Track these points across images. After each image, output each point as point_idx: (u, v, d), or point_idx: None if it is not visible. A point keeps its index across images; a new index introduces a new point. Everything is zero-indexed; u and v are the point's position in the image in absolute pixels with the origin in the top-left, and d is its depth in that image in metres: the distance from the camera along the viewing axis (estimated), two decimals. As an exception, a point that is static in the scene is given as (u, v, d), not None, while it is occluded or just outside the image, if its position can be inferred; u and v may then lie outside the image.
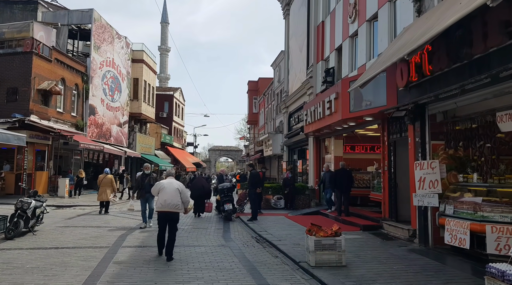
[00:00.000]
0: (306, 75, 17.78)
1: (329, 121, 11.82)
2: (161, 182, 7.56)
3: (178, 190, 7.25)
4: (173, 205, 7.12)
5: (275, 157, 26.39)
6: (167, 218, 7.20)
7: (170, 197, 7.12)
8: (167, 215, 7.17)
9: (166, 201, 7.10)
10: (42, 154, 20.53)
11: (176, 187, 7.27)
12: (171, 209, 7.13)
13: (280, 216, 13.54)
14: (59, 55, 21.71)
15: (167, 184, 7.32)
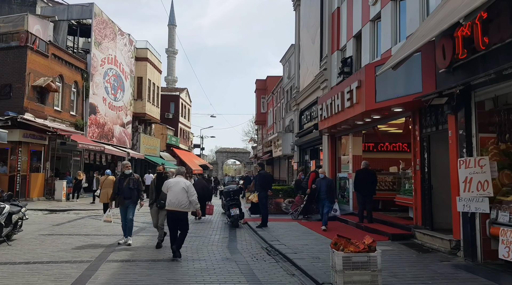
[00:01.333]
0: (319, 67, 16.33)
1: (349, 114, 10.36)
2: (169, 180, 7.57)
3: (185, 190, 7.15)
4: (178, 204, 7.07)
5: (285, 158, 24.94)
6: (175, 218, 7.19)
7: (176, 196, 7.09)
8: (175, 214, 7.16)
9: (171, 200, 7.12)
10: (38, 154, 19.35)
11: (183, 186, 7.18)
12: (176, 208, 7.10)
13: (293, 222, 12.10)
14: (57, 51, 20.58)
15: (174, 183, 7.27)
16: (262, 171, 11.32)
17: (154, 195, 8.08)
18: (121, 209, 8.36)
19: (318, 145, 17.35)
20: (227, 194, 11.68)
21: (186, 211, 7.30)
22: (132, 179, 8.31)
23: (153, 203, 8.16)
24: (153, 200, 8.12)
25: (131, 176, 8.36)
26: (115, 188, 8.36)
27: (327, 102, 12.23)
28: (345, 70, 13.25)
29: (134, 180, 8.34)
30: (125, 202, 8.26)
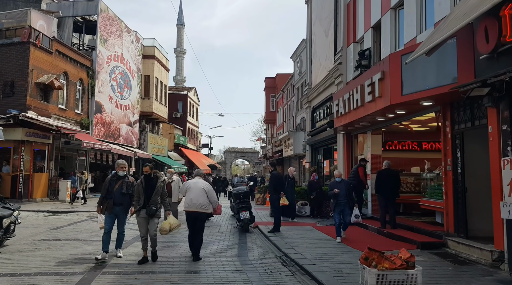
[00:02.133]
0: (333, 61, 15.44)
1: (371, 109, 9.46)
2: (188, 181, 7.68)
3: (204, 190, 7.22)
4: (198, 205, 7.11)
5: (296, 157, 24.05)
6: (194, 218, 7.23)
7: (196, 197, 7.13)
8: (194, 215, 7.20)
9: (192, 200, 7.12)
10: (41, 154, 18.77)
11: (202, 187, 7.26)
12: (197, 209, 7.13)
13: (307, 227, 11.24)
14: (61, 47, 19.99)
15: (193, 184, 7.33)
16: (274, 172, 10.48)
17: (143, 200, 6.77)
18: (108, 217, 6.84)
19: (332, 144, 16.45)
20: (236, 196, 10.87)
21: (206, 212, 7.34)
22: (126, 182, 6.94)
23: (140, 209, 6.80)
24: (141, 206, 6.77)
25: (125, 179, 7.00)
26: (104, 191, 6.93)
27: (344, 97, 11.34)
28: (362, 63, 12.35)
29: (128, 183, 6.95)
30: (114, 209, 6.86)
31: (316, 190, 13.45)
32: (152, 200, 6.75)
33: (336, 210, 8.75)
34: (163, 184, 6.98)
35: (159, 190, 6.84)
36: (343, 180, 9.09)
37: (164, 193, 6.96)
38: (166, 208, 7.08)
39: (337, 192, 8.68)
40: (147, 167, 6.96)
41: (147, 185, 6.83)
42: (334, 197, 8.74)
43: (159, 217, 6.94)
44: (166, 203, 7.11)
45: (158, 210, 6.85)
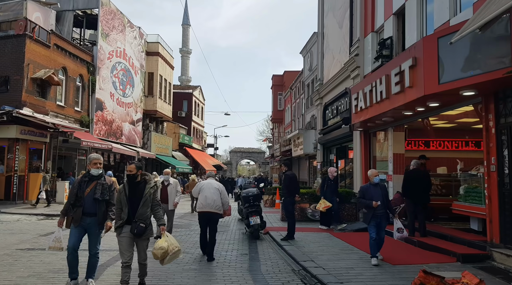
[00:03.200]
0: (348, 54, 14.34)
1: (398, 102, 8.35)
2: (201, 182, 7.79)
3: (218, 190, 7.29)
4: (214, 205, 7.15)
5: (306, 157, 22.95)
6: (208, 219, 7.26)
7: (210, 197, 7.17)
8: (208, 216, 7.22)
9: (206, 200, 7.15)
10: (38, 153, 17.84)
11: (216, 187, 7.34)
12: (211, 209, 7.16)
13: (324, 233, 10.13)
14: (60, 41, 19.05)
15: (207, 184, 7.41)
16: (289, 172, 9.38)
17: (126, 212, 4.94)
18: (75, 230, 4.98)
19: (346, 143, 15.34)
20: (245, 200, 9.80)
21: (219, 212, 7.29)
22: (102, 185, 5.03)
23: (122, 226, 4.95)
24: (123, 221, 4.95)
25: (101, 180, 5.08)
26: (71, 196, 5.06)
27: (364, 90, 10.23)
28: (384, 53, 11.25)
29: (105, 186, 5.05)
30: (83, 220, 4.97)
31: (331, 192, 12.33)
32: (140, 213, 4.92)
33: (372, 223, 6.74)
34: (154, 190, 5.13)
35: (148, 199, 5.00)
36: (379, 183, 6.92)
37: (156, 203, 5.14)
38: (160, 222, 5.14)
39: (377, 205, 6.57)
40: (133, 165, 5.07)
41: (132, 192, 5.04)
42: (370, 208, 6.72)
43: (150, 237, 5.15)
44: (160, 216, 5.17)
45: (148, 227, 5.03)
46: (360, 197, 6.90)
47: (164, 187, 8.96)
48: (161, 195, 8.62)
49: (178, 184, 9.25)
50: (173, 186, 9.09)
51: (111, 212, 5.10)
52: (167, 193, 8.94)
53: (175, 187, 9.12)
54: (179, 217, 14.16)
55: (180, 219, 13.41)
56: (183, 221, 13.06)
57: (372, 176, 6.91)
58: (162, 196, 8.61)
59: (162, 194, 8.73)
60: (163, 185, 8.92)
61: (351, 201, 12.89)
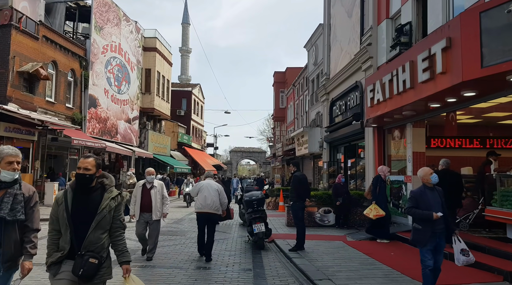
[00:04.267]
0: (359, 44, 13.19)
1: (427, 91, 7.20)
2: (200, 182, 7.63)
3: (217, 192, 7.23)
4: (213, 206, 7.12)
5: (310, 157, 21.80)
6: (206, 220, 7.22)
7: (210, 198, 7.11)
8: (206, 216, 7.18)
9: (206, 201, 7.10)
10: (25, 152, 16.64)
11: (216, 188, 7.28)
12: (210, 210, 7.12)
13: (336, 242, 8.99)
14: (49, 33, 17.90)
15: (206, 185, 7.32)
16: (298, 173, 8.22)
17: (68, 239, 3.06)
18: None
19: (356, 141, 14.19)
20: (248, 204, 8.64)
21: (218, 213, 7.25)
22: (14, 196, 3.19)
23: (61, 262, 3.08)
24: (63, 255, 3.06)
25: (14, 188, 3.24)
26: None
27: (383, 80, 9.07)
28: (402, 40, 10.10)
29: (18, 199, 3.21)
30: None
31: (342, 195, 11.22)
32: (90, 241, 3.05)
33: (429, 245, 4.71)
34: (116, 203, 3.22)
35: (106, 218, 3.12)
36: (435, 186, 4.94)
37: (118, 224, 3.24)
38: (123, 258, 3.23)
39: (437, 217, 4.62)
40: (91, 160, 3.19)
41: (80, 205, 3.12)
42: (428, 222, 4.64)
43: (106, 280, 3.19)
44: (123, 247, 3.26)
45: (104, 264, 3.13)
46: (413, 206, 4.78)
47: (146, 190, 7.09)
48: (143, 200, 7.02)
49: (164, 188, 7.33)
50: (158, 189, 7.13)
51: (30, 244, 3.20)
52: (150, 198, 7.01)
53: (161, 191, 7.17)
54: (175, 221, 13.02)
55: (176, 225, 12.26)
56: (180, 226, 11.91)
57: (427, 175, 4.86)
58: (143, 202, 7.02)
59: (144, 199, 7.03)
60: (144, 188, 7.14)
61: (364, 205, 11.76)
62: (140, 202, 6.99)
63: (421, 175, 4.97)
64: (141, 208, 6.96)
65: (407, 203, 4.97)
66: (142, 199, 7.00)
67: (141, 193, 7.06)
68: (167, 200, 7.33)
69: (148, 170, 7.39)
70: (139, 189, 7.12)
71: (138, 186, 7.21)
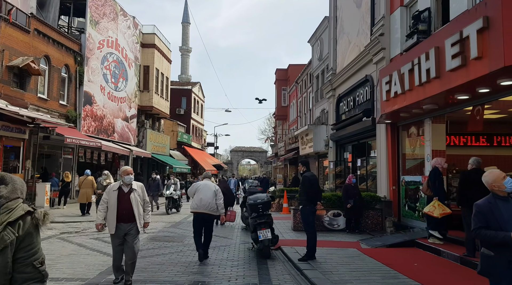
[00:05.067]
0: (370, 35, 12.34)
1: (457, 80, 6.33)
2: (197, 183, 7.59)
3: (214, 193, 7.11)
4: (207, 207, 7.01)
5: (315, 156, 20.93)
6: (202, 220, 7.13)
7: (206, 198, 7.01)
8: (203, 217, 7.09)
9: (201, 202, 7.00)
10: (15, 151, 15.83)
11: (213, 189, 7.18)
12: (205, 210, 7.01)
13: (350, 249, 8.12)
14: (41, 26, 17.05)
15: (204, 185, 7.25)
16: (308, 173, 7.35)
17: None
18: None
19: (366, 139, 13.33)
20: (253, 208, 7.77)
21: (214, 214, 7.16)
22: None
23: None
24: None
25: None
26: None
27: (401, 70, 8.20)
28: (420, 27, 9.22)
29: None
30: None
31: (353, 197, 10.35)
32: None
33: (506, 281, 3.27)
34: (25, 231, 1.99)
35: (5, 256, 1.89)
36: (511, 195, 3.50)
37: (32, 274, 1.97)
38: None
39: None
40: None
41: None
42: (503, 248, 3.25)
43: None
44: None
45: None
46: (481, 225, 3.35)
47: (123, 195, 5.41)
48: (120, 208, 5.35)
49: (144, 190, 5.69)
50: (139, 193, 5.52)
51: None
52: (130, 205, 5.37)
53: (142, 195, 5.57)
54: (172, 225, 12.15)
55: (173, 229, 11.39)
56: (177, 231, 11.04)
57: (499, 180, 3.43)
58: (121, 210, 5.34)
59: (122, 206, 5.36)
60: (121, 192, 5.43)
61: (376, 208, 10.92)
62: (117, 210, 5.33)
63: (489, 180, 3.49)
64: (117, 218, 5.31)
65: (472, 222, 3.44)
66: (119, 206, 5.34)
67: (116, 198, 5.38)
68: (149, 206, 5.75)
69: (124, 169, 5.54)
70: (114, 194, 5.41)
71: (112, 190, 5.46)
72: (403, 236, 8.83)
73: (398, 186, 10.68)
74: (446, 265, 6.73)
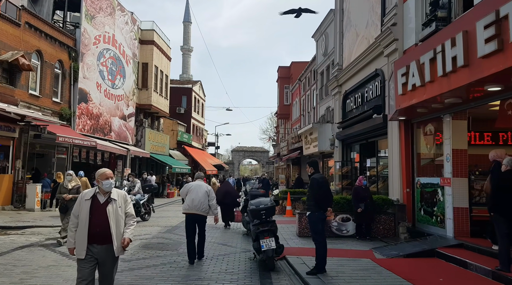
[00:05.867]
0: (381, 26, 11.50)
1: (491, 67, 5.47)
2: (190, 183, 7.54)
3: (207, 193, 7.11)
4: (199, 207, 7.00)
5: (319, 156, 20.07)
6: (194, 221, 7.11)
7: (198, 199, 7.00)
8: (194, 217, 7.06)
9: (193, 203, 6.98)
10: (5, 150, 15.03)
11: (205, 190, 7.16)
12: (197, 211, 7.01)
13: (363, 260, 7.28)
14: (33, 19, 16.26)
15: (196, 186, 7.20)
16: (318, 175, 6.51)
17: None
18: None
19: (375, 138, 12.49)
20: (255, 214, 6.92)
21: (207, 215, 7.15)
22: None
23: None
24: None
25: None
26: None
27: (421, 60, 7.34)
28: (438, 14, 8.39)
29: None
30: None
31: (364, 200, 9.51)
32: None
33: None
34: None
35: None
36: None
37: None
38: None
39: None
40: None
41: None
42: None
43: None
44: None
45: None
46: None
47: (98, 206, 4.02)
48: (93, 223, 3.94)
49: (128, 200, 4.24)
50: (119, 204, 4.10)
51: None
52: (106, 220, 3.97)
53: (124, 207, 4.15)
54: (168, 230, 11.32)
55: (168, 234, 10.56)
56: (173, 237, 10.20)
57: None
58: (94, 227, 3.94)
59: (95, 221, 3.96)
60: (95, 202, 4.04)
61: (388, 212, 10.08)
62: (88, 226, 3.92)
63: None
64: (89, 237, 3.91)
65: None
66: (92, 221, 3.93)
67: (88, 211, 3.97)
68: (133, 220, 4.17)
69: (102, 172, 4.14)
70: (86, 205, 4.00)
71: (84, 200, 4.05)
72: (422, 245, 7.97)
73: (412, 188, 9.84)
74: (476, 280, 5.88)
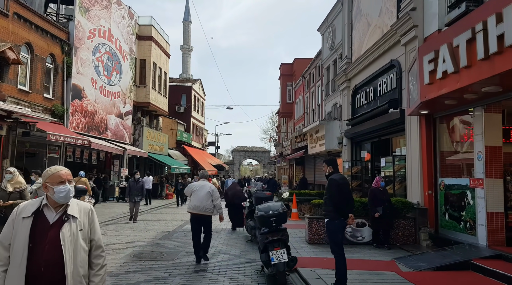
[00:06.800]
0: (397, 13, 10.54)
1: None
2: (193, 184, 7.58)
3: (210, 194, 7.12)
4: (203, 208, 7.05)
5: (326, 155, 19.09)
6: (199, 221, 7.16)
7: (201, 200, 7.05)
8: (199, 218, 7.13)
9: (196, 203, 7.06)
10: (-9, 149, 14.07)
11: (208, 190, 7.15)
12: (201, 211, 7.07)
13: (387, 273, 6.30)
14: (22, 10, 15.29)
15: (199, 186, 7.23)
16: (337, 176, 5.52)
17: None
18: None
19: (389, 135, 11.54)
20: (264, 222, 5.93)
21: (211, 214, 7.18)
22: None
23: None
24: None
25: None
26: None
27: (454, 42, 6.35)
28: (469, -6, 7.43)
29: None
30: None
31: (382, 204, 8.54)
32: None
33: None
34: None
35: None
36: None
37: None
38: None
39: None
40: None
41: None
42: None
43: None
44: None
45: None
46: None
47: (47, 228, 2.39)
48: (36, 257, 2.33)
49: (95, 220, 2.58)
50: (81, 225, 2.47)
51: None
52: (60, 250, 2.35)
53: (87, 227, 2.52)
54: (164, 236, 10.32)
55: (164, 241, 9.55)
56: (169, 243, 9.21)
57: None
58: (37, 259, 2.32)
59: (40, 253, 2.33)
60: (40, 221, 2.40)
61: (408, 216, 9.11)
62: (27, 263, 2.33)
63: None
64: (28, 280, 2.31)
65: None
66: (34, 253, 2.34)
67: (28, 237, 2.35)
68: (102, 257, 2.55)
69: (52, 173, 2.54)
70: (24, 226, 2.37)
71: (21, 218, 2.40)
72: (452, 255, 7.00)
73: (435, 190, 8.87)
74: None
